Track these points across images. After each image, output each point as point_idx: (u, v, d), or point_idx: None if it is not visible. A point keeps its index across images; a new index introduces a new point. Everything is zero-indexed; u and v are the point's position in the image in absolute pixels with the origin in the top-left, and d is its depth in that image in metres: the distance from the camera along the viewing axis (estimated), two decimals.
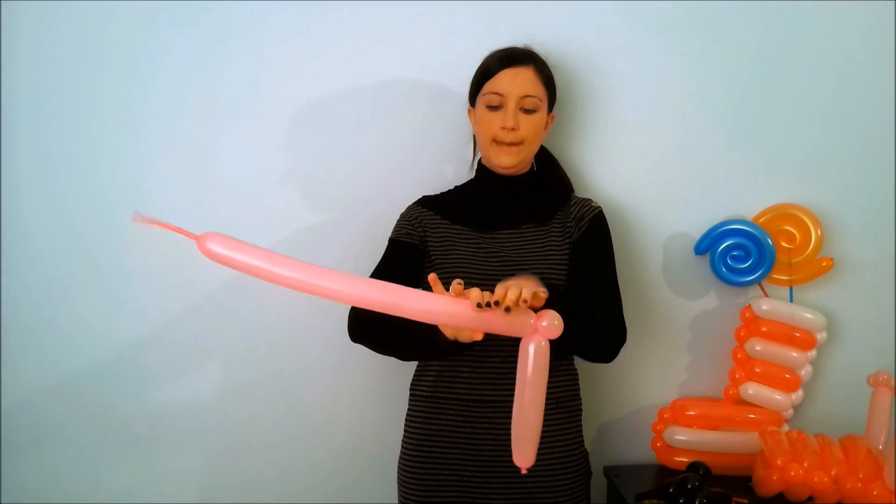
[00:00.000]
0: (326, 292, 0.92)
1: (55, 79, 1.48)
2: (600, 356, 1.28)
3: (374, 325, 1.22)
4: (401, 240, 1.34)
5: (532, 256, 1.29)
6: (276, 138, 1.52)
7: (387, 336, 1.22)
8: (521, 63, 1.30)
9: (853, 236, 1.59)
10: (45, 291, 1.53)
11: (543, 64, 1.35)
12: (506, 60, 1.31)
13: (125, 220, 1.49)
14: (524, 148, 1.31)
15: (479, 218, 1.35)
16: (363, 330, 1.26)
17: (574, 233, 1.33)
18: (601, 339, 1.25)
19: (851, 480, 1.32)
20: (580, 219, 1.34)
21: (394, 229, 1.37)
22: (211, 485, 1.60)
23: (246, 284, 1.54)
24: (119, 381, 1.56)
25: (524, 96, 1.29)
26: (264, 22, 1.48)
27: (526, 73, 1.30)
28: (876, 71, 1.56)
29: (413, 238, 1.33)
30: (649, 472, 1.56)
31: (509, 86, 1.28)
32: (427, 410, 1.31)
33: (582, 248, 1.31)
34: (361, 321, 1.25)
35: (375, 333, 1.25)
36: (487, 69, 1.32)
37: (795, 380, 1.54)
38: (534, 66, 1.32)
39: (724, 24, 1.53)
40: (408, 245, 1.33)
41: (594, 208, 1.36)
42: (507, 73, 1.29)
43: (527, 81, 1.30)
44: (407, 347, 1.22)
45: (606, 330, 1.26)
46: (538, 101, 1.31)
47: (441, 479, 1.30)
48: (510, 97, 1.28)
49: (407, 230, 1.35)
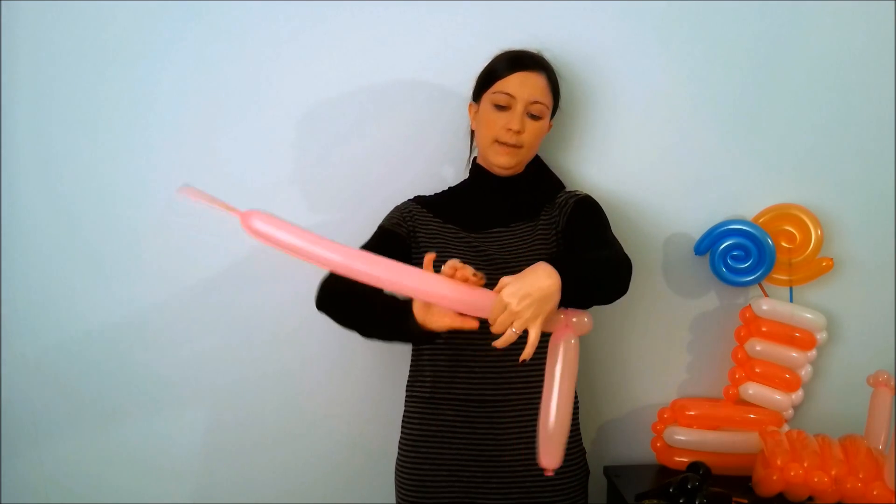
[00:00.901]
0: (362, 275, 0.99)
1: (56, 77, 1.47)
2: (615, 290, 1.20)
3: (347, 299, 1.21)
4: (390, 228, 1.34)
5: (520, 253, 1.30)
6: (275, 138, 1.52)
7: (358, 310, 1.21)
8: (534, 68, 1.31)
9: (853, 236, 1.59)
10: (45, 290, 1.53)
11: (554, 73, 1.36)
12: (519, 63, 1.31)
13: (126, 218, 1.52)
14: (523, 151, 1.32)
15: (471, 217, 1.35)
16: (334, 301, 1.24)
17: (560, 221, 1.33)
18: (611, 272, 1.18)
19: (851, 480, 1.32)
20: (563, 205, 1.34)
21: (385, 218, 1.38)
22: (210, 484, 1.60)
23: (244, 285, 1.54)
24: (119, 381, 1.56)
25: (533, 101, 1.29)
26: (264, 22, 1.48)
27: (538, 80, 1.31)
28: (876, 71, 1.56)
29: (401, 229, 1.34)
30: (649, 472, 1.56)
31: (520, 89, 1.29)
32: (425, 412, 1.31)
33: (571, 227, 1.30)
34: (337, 293, 1.23)
35: (347, 306, 1.23)
36: (499, 68, 1.32)
37: (795, 380, 1.54)
38: (546, 74, 1.33)
39: (723, 24, 1.53)
40: (395, 235, 1.33)
41: (578, 194, 1.36)
42: (520, 76, 1.30)
43: (537, 88, 1.30)
44: (376, 325, 1.21)
45: (613, 262, 1.20)
46: (545, 108, 1.32)
47: (440, 481, 1.30)
48: (519, 100, 1.29)
49: (397, 221, 1.35)
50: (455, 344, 1.28)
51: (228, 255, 1.53)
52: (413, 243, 1.33)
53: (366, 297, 1.15)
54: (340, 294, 1.23)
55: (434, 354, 1.30)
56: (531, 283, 0.99)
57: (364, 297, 1.14)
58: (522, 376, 1.28)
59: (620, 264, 1.21)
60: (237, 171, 1.52)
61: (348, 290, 1.11)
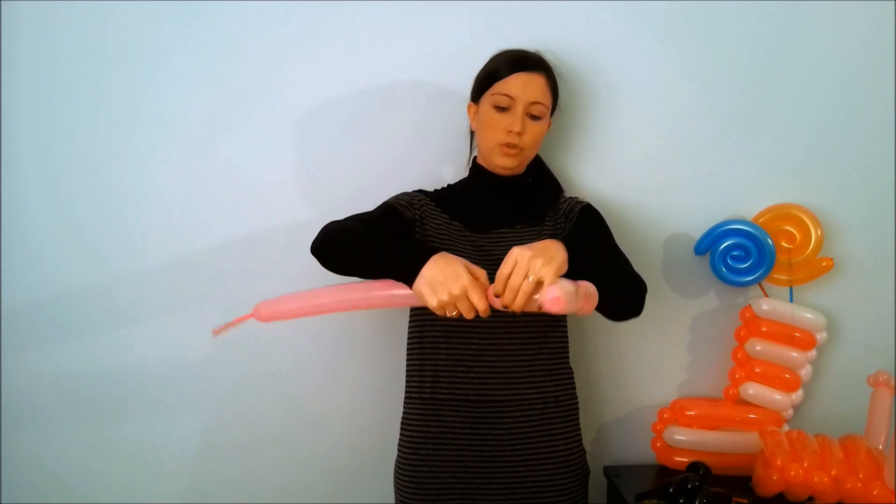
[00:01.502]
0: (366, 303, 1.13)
1: (57, 77, 1.48)
2: (631, 309, 1.21)
3: (351, 241, 1.15)
4: (398, 208, 1.29)
5: None
6: (275, 138, 1.52)
7: (362, 251, 1.13)
8: (534, 69, 1.31)
9: (853, 236, 1.59)
10: (45, 290, 1.53)
11: (553, 72, 1.36)
12: (519, 64, 1.30)
13: (126, 218, 1.52)
14: (525, 152, 1.32)
15: (475, 216, 1.35)
16: (338, 243, 1.16)
17: (566, 227, 1.33)
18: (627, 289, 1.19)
19: (851, 480, 1.32)
20: (568, 213, 1.35)
21: (393, 198, 1.34)
22: (210, 484, 1.60)
23: (244, 284, 1.54)
24: (118, 381, 1.56)
25: (533, 102, 1.29)
26: (265, 22, 1.48)
27: (538, 81, 1.30)
28: (876, 71, 1.56)
29: (408, 213, 1.30)
30: (649, 472, 1.56)
31: (521, 90, 1.28)
32: (425, 413, 1.31)
33: (576, 236, 1.31)
34: (341, 236, 1.17)
35: (351, 248, 1.15)
36: (499, 69, 1.31)
37: (795, 380, 1.54)
38: (545, 75, 1.32)
39: (723, 24, 1.53)
40: (402, 216, 1.28)
41: (581, 202, 1.37)
42: (520, 77, 1.29)
43: (538, 89, 1.30)
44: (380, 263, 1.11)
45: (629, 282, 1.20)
46: (545, 108, 1.31)
47: (441, 483, 1.29)
48: (520, 102, 1.28)
49: (405, 204, 1.31)
50: (455, 344, 1.28)
51: (228, 255, 1.53)
52: (419, 232, 1.31)
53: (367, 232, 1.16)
54: (350, 237, 1.16)
55: (434, 355, 1.30)
56: (537, 244, 1.03)
57: (369, 241, 1.14)
58: (524, 376, 1.28)
59: (639, 283, 1.22)
60: (237, 170, 1.52)
61: (355, 234, 1.15)
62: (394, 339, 1.53)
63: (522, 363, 1.27)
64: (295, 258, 1.44)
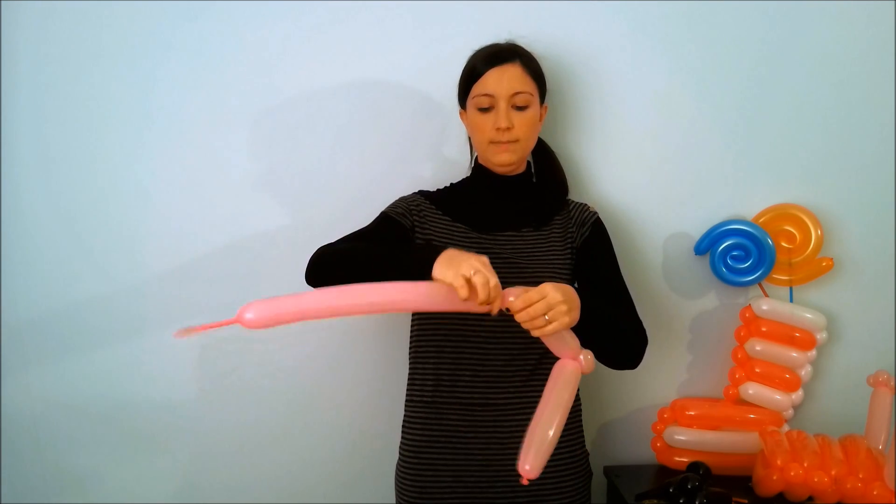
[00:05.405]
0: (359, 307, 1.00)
1: (56, 77, 1.48)
2: (628, 362, 1.24)
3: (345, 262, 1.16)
4: (394, 217, 1.29)
5: (534, 259, 1.29)
6: (273, 138, 1.52)
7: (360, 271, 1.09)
8: (506, 60, 1.27)
9: (853, 236, 1.59)
10: (45, 290, 1.53)
11: (530, 57, 1.31)
12: (491, 59, 1.27)
13: (126, 218, 1.52)
14: (521, 145, 1.29)
15: (479, 218, 1.33)
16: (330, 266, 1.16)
17: (577, 238, 1.33)
18: (628, 344, 1.23)
19: (851, 480, 1.32)
20: (582, 224, 1.34)
21: (389, 206, 1.33)
22: (210, 484, 1.61)
23: (244, 284, 1.54)
24: (118, 381, 1.56)
25: (515, 94, 1.26)
26: (263, 23, 1.48)
27: (513, 70, 1.27)
28: (876, 71, 1.56)
29: (406, 221, 1.30)
30: (649, 472, 1.56)
31: (497, 86, 1.26)
32: (427, 416, 1.30)
33: (587, 253, 1.31)
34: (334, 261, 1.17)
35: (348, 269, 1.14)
36: (473, 70, 1.29)
37: (795, 380, 1.54)
38: (520, 62, 1.28)
39: (723, 24, 1.53)
40: (398, 225, 1.29)
41: (593, 213, 1.36)
42: (494, 72, 1.26)
43: (515, 78, 1.26)
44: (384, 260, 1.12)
45: (631, 336, 1.24)
46: (529, 96, 1.28)
47: (443, 486, 1.28)
48: (500, 97, 1.26)
49: (402, 211, 1.31)
50: (458, 347, 1.27)
51: (228, 255, 1.53)
52: (420, 238, 1.30)
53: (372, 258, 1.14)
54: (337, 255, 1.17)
55: (437, 358, 1.29)
56: (568, 291, 1.04)
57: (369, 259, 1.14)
58: (526, 379, 1.27)
59: (639, 337, 1.25)
60: (237, 170, 1.52)
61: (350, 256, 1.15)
62: (396, 341, 1.52)
63: (525, 367, 1.27)
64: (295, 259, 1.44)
